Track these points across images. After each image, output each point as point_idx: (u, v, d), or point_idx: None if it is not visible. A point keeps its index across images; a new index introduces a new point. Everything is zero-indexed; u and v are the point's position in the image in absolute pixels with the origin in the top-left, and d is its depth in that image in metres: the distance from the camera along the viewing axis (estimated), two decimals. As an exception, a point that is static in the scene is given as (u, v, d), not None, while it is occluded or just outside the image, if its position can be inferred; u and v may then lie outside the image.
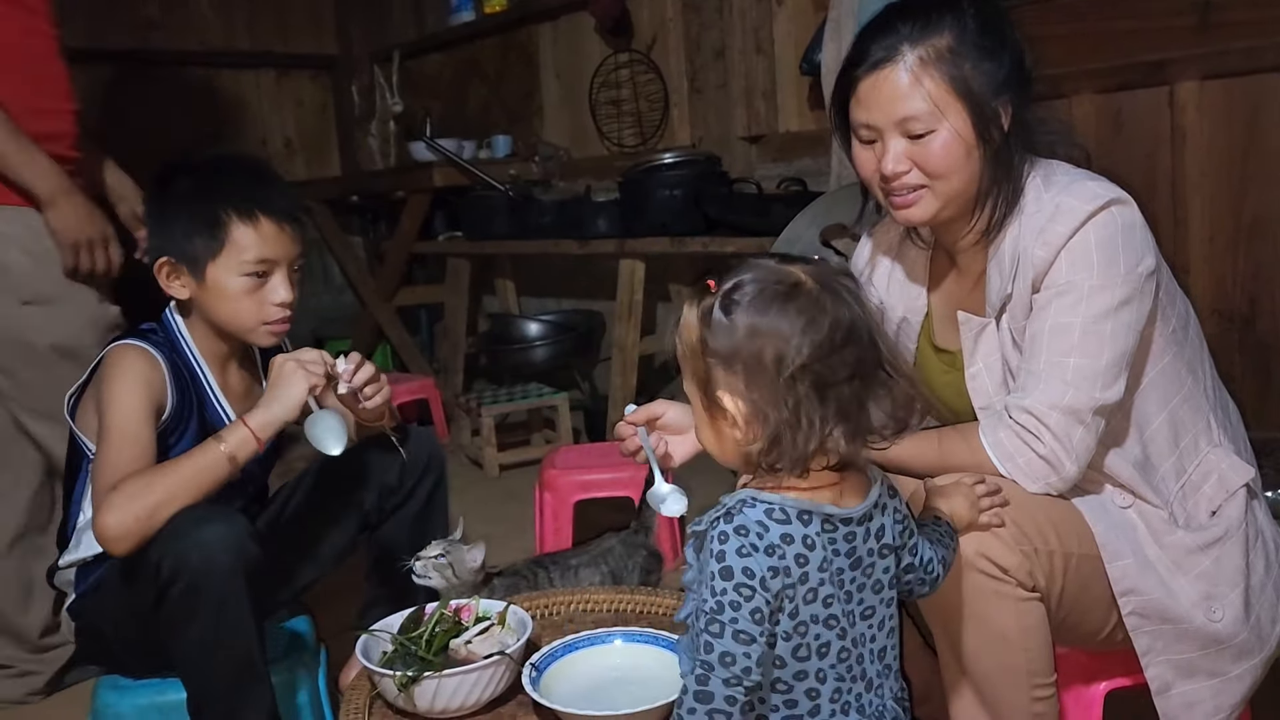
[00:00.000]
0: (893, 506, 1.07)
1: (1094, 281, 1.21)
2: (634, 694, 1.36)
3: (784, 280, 0.99)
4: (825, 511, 1.00)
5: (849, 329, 0.98)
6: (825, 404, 0.97)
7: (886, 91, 1.24)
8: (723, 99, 3.47)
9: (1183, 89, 2.20)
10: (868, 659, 1.05)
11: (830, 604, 1.01)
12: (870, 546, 1.04)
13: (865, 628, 1.04)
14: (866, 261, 1.52)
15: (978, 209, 1.29)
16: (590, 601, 1.71)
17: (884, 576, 1.06)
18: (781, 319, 0.97)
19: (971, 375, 1.33)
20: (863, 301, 1.01)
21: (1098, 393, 1.20)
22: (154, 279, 1.52)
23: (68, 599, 1.56)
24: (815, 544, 0.99)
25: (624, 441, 1.44)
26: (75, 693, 1.98)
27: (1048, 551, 1.19)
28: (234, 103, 4.80)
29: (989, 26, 1.25)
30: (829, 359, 0.97)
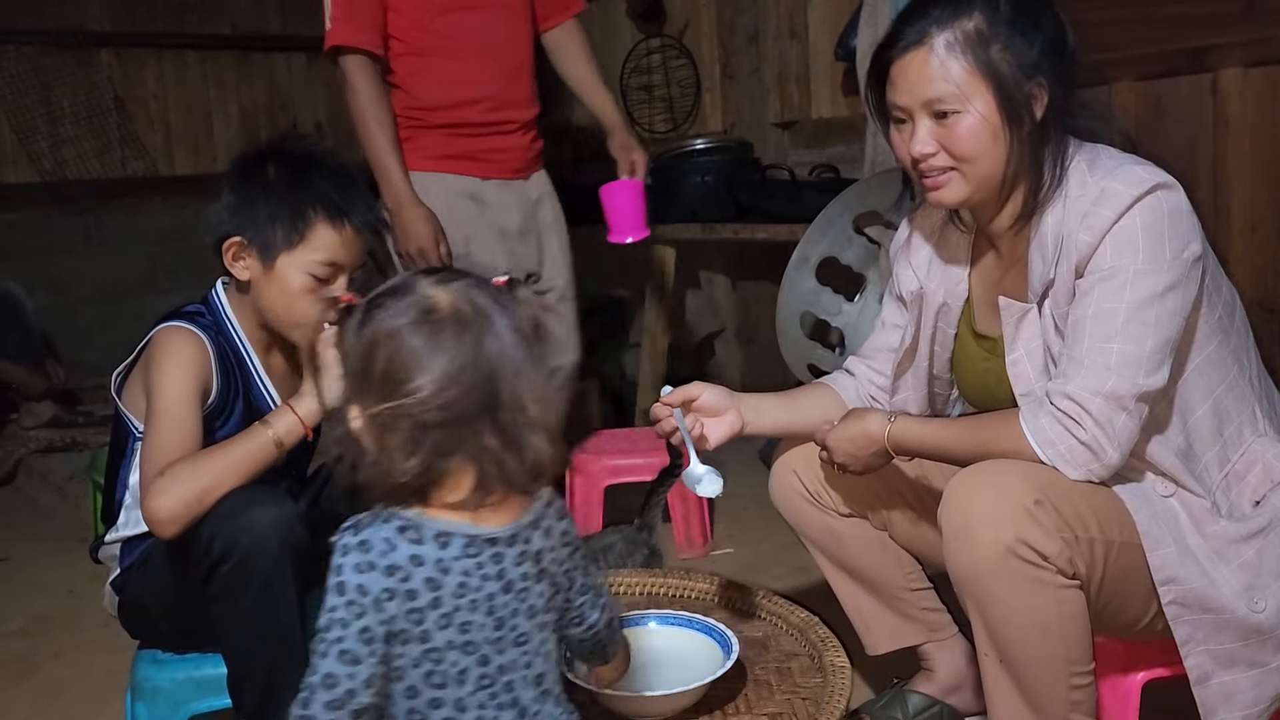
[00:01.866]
0: (559, 529, 1.03)
1: (1139, 266, 1.19)
2: (668, 676, 1.36)
3: (420, 304, 0.94)
4: (467, 533, 0.95)
5: (467, 366, 0.91)
6: (421, 437, 0.91)
7: (914, 74, 1.26)
8: (755, 85, 3.45)
9: (1226, 76, 2.17)
10: (520, 686, 0.99)
11: (468, 630, 0.95)
12: (524, 570, 0.99)
13: (519, 654, 0.99)
14: (906, 245, 1.51)
15: (1011, 192, 1.29)
16: (624, 584, 1.71)
17: (538, 601, 1.00)
18: (398, 342, 0.92)
19: (1013, 361, 1.32)
20: (508, 338, 0.93)
21: (1141, 379, 1.19)
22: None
23: (111, 573, 1.58)
24: (451, 568, 0.94)
25: (660, 423, 1.45)
26: (113, 666, 2.01)
27: (1088, 539, 1.18)
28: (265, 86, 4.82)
29: (1023, 8, 1.25)
30: (436, 395, 0.90)
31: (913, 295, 1.48)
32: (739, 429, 1.47)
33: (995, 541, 1.16)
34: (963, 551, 1.19)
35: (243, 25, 4.72)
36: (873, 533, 1.54)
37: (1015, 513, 1.16)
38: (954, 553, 1.21)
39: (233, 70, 4.72)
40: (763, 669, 1.44)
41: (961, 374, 1.46)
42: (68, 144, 4.33)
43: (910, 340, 1.48)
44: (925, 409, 1.50)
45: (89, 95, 4.37)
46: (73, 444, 3.44)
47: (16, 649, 2.24)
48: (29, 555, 2.80)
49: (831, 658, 1.41)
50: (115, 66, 4.43)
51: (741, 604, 1.64)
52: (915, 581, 1.57)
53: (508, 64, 2.29)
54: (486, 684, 0.97)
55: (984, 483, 1.20)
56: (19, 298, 3.66)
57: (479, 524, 0.96)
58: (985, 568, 1.17)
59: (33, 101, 4.25)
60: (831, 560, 1.57)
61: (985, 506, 1.18)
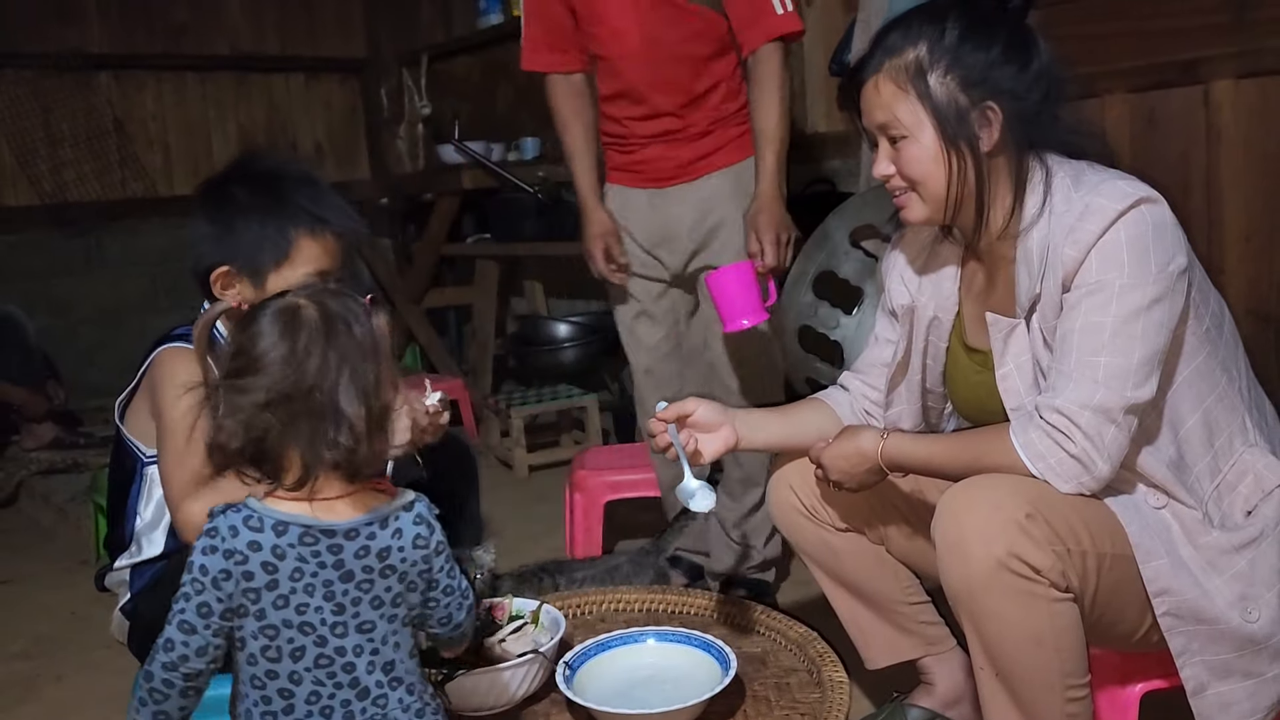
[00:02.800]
0: (414, 533, 1.11)
1: (1125, 280, 1.20)
2: (667, 693, 1.36)
3: (285, 307, 1.09)
4: (304, 523, 1.07)
5: (303, 361, 1.05)
6: (252, 414, 1.05)
7: (867, 101, 1.33)
8: (751, 100, 3.46)
9: (1217, 88, 2.18)
10: (363, 669, 1.09)
11: (305, 611, 1.07)
12: (366, 564, 1.08)
13: (362, 639, 1.09)
14: (897, 260, 1.52)
15: (962, 210, 1.32)
16: (623, 601, 1.72)
17: (385, 594, 1.09)
18: (254, 332, 1.07)
19: (1002, 376, 1.33)
20: (348, 349, 1.07)
21: (1129, 391, 1.20)
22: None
23: (120, 599, 1.58)
24: (287, 554, 1.06)
25: (655, 438, 1.45)
26: (115, 688, 2.01)
27: (1080, 552, 1.19)
28: (264, 106, 4.85)
29: (970, 32, 1.27)
30: (267, 377, 1.05)
31: (904, 309, 1.49)
32: (733, 444, 1.48)
33: (987, 556, 1.17)
34: (956, 566, 1.20)
35: (241, 46, 4.76)
36: (870, 547, 1.54)
37: (1007, 527, 1.17)
38: (948, 567, 1.21)
39: (231, 91, 4.76)
40: (761, 685, 1.45)
41: (954, 387, 1.47)
42: (68, 166, 4.36)
43: (902, 354, 1.49)
44: (919, 423, 1.51)
45: (88, 117, 4.40)
46: (74, 465, 3.45)
47: (19, 671, 2.24)
48: (31, 577, 2.80)
49: (830, 673, 1.41)
50: (114, 88, 4.47)
51: (740, 620, 1.64)
52: (913, 595, 1.57)
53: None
54: (325, 663, 1.08)
55: (976, 497, 1.21)
56: (20, 320, 3.67)
57: (319, 517, 1.07)
58: (978, 582, 1.18)
59: (33, 124, 4.28)
60: (829, 575, 1.57)
61: (977, 521, 1.19)
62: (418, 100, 4.52)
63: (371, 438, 1.07)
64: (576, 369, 3.62)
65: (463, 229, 4.24)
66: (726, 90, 2.05)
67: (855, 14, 2.78)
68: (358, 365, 1.07)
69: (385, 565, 1.09)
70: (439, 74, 4.72)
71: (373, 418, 1.07)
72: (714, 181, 2.07)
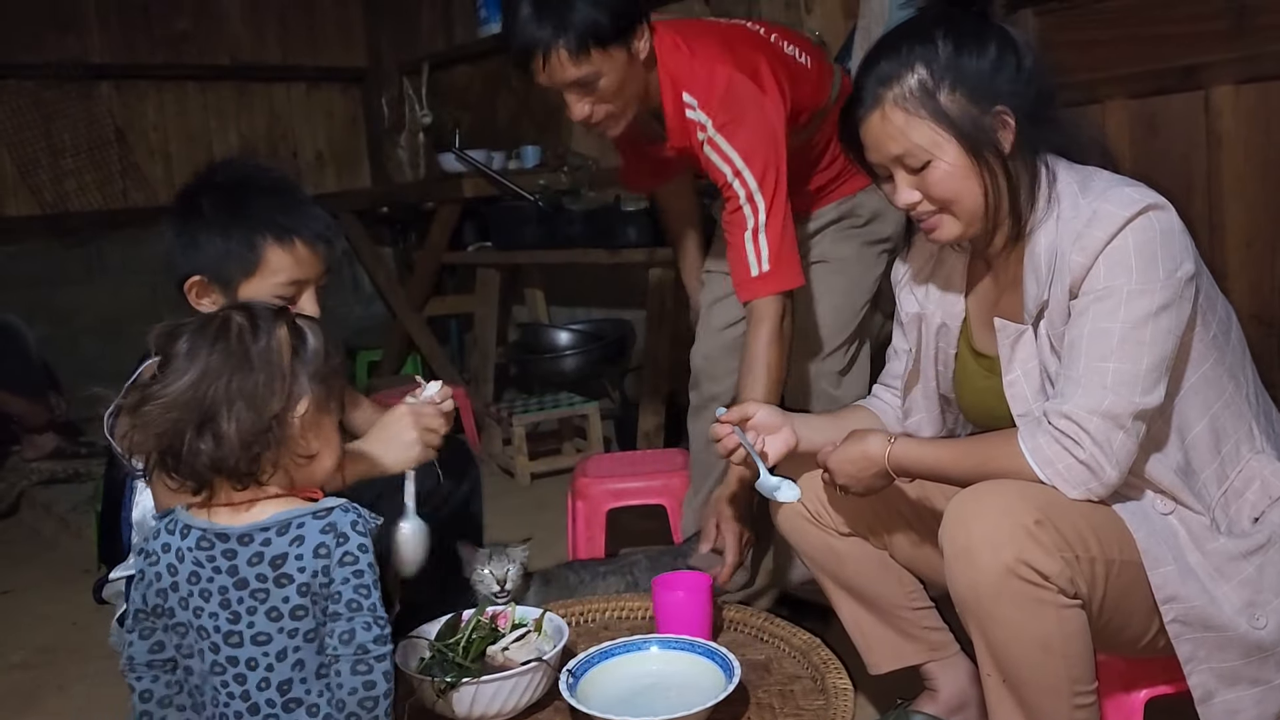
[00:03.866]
0: (317, 541, 1.08)
1: (1133, 286, 1.20)
2: (670, 700, 1.36)
3: (207, 318, 1.14)
4: (201, 527, 1.10)
5: (208, 372, 1.09)
6: (160, 418, 1.08)
7: (875, 136, 1.31)
8: (751, 108, 3.47)
9: (1218, 93, 2.18)
10: (254, 684, 1.08)
11: (201, 615, 1.09)
12: (260, 571, 1.07)
13: (256, 652, 1.08)
14: (906, 271, 1.53)
15: (999, 219, 1.31)
16: (625, 608, 1.71)
17: (283, 606, 1.07)
18: (170, 346, 1.11)
19: (1009, 383, 1.32)
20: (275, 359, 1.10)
21: (1137, 397, 1.19)
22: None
23: (118, 609, 1.57)
24: (185, 557, 1.09)
25: (720, 441, 1.46)
26: (116, 697, 2.00)
27: (1089, 558, 1.18)
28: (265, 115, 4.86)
29: (964, 43, 1.27)
30: (176, 387, 1.08)
31: (912, 317, 1.50)
32: (794, 445, 1.48)
33: (996, 562, 1.16)
34: (964, 572, 1.19)
35: (242, 56, 4.77)
36: (874, 552, 1.54)
37: (1016, 533, 1.16)
38: (955, 573, 1.21)
39: (233, 100, 4.77)
40: (765, 692, 1.44)
41: (962, 392, 1.47)
42: (69, 176, 4.37)
43: (914, 363, 1.49)
44: (939, 429, 1.51)
45: (90, 127, 4.41)
46: (75, 475, 3.45)
47: (19, 681, 2.24)
48: (32, 587, 2.80)
49: (834, 680, 1.41)
50: (115, 98, 4.48)
51: (744, 626, 1.63)
52: (917, 601, 1.57)
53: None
54: (218, 670, 1.09)
55: (984, 503, 1.20)
56: (20, 329, 3.67)
57: (215, 521, 1.10)
58: (987, 588, 1.17)
59: (34, 135, 4.29)
60: (833, 580, 1.57)
61: (986, 527, 1.18)
62: (419, 109, 4.52)
63: (249, 445, 1.08)
64: (578, 377, 3.61)
65: (464, 237, 4.24)
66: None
67: (855, 20, 2.79)
68: (239, 375, 1.08)
69: (280, 574, 1.07)
70: (440, 83, 4.73)
71: (253, 426, 1.08)
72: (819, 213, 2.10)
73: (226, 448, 1.08)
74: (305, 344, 1.14)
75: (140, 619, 1.15)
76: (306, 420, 1.13)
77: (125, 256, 4.48)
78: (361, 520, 1.11)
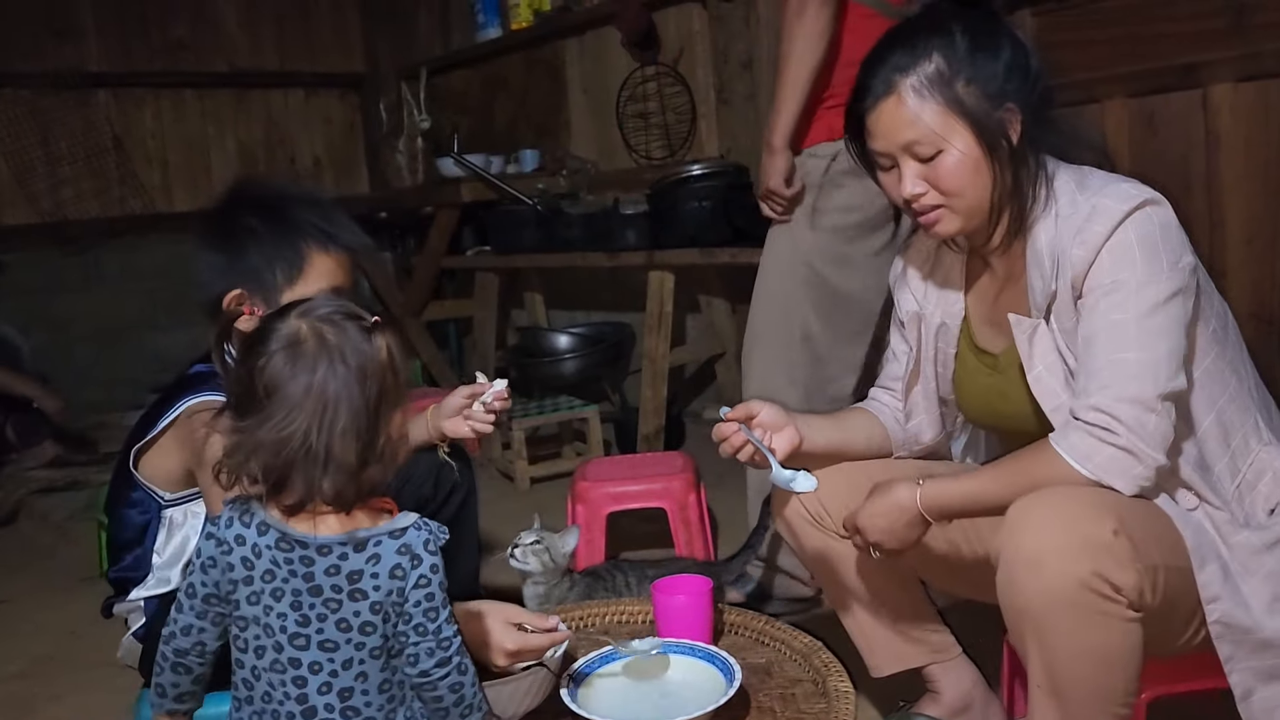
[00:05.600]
0: (394, 562, 1.06)
1: (1140, 278, 1.20)
2: (671, 705, 1.35)
3: (291, 335, 1.07)
4: (282, 529, 1.07)
5: (310, 393, 1.04)
6: (263, 448, 1.04)
7: (888, 122, 1.29)
8: (750, 110, 3.47)
9: (1216, 92, 2.18)
10: (314, 688, 1.07)
11: (270, 613, 1.07)
12: (335, 583, 1.06)
13: (322, 657, 1.07)
14: (903, 271, 1.52)
15: (1001, 215, 1.31)
16: (626, 613, 1.70)
17: (354, 619, 1.06)
18: (257, 371, 1.06)
19: (1035, 379, 1.31)
20: (341, 372, 1.05)
21: (1163, 381, 1.19)
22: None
23: (133, 625, 1.57)
24: (263, 554, 1.07)
25: (725, 441, 1.44)
26: (113, 706, 2.00)
27: (1152, 567, 1.15)
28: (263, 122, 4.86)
29: (980, 40, 1.27)
30: (284, 418, 1.03)
31: (911, 316, 1.49)
32: (798, 444, 1.46)
33: (1069, 574, 1.12)
34: (1031, 582, 1.15)
35: (239, 62, 4.77)
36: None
37: (1091, 545, 1.12)
38: (1019, 582, 1.16)
39: (230, 107, 4.77)
40: (766, 696, 1.43)
41: (962, 392, 1.46)
42: (66, 184, 4.37)
43: (914, 363, 1.49)
44: (940, 431, 1.51)
45: (87, 135, 4.41)
46: (73, 483, 3.45)
47: (16, 691, 2.22)
48: (29, 596, 2.79)
49: (835, 683, 1.40)
50: (113, 106, 4.48)
51: (744, 630, 1.62)
52: (920, 603, 1.56)
53: None
54: (279, 669, 1.07)
55: (1056, 509, 1.16)
56: (13, 341, 3.67)
57: (299, 528, 1.07)
58: (1057, 599, 1.13)
59: (31, 143, 4.29)
60: (835, 582, 1.56)
61: (1059, 537, 1.14)
62: (417, 114, 4.53)
63: (364, 472, 1.06)
64: (578, 380, 3.61)
65: (462, 241, 4.25)
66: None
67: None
68: (351, 403, 1.05)
69: (355, 589, 1.05)
70: (438, 88, 4.73)
71: (368, 455, 1.06)
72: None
73: (346, 481, 1.05)
74: (396, 355, 1.10)
75: (193, 599, 1.11)
76: (402, 436, 1.11)
77: (123, 264, 4.48)
78: (433, 538, 1.09)
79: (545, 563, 1.79)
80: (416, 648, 1.08)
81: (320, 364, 1.05)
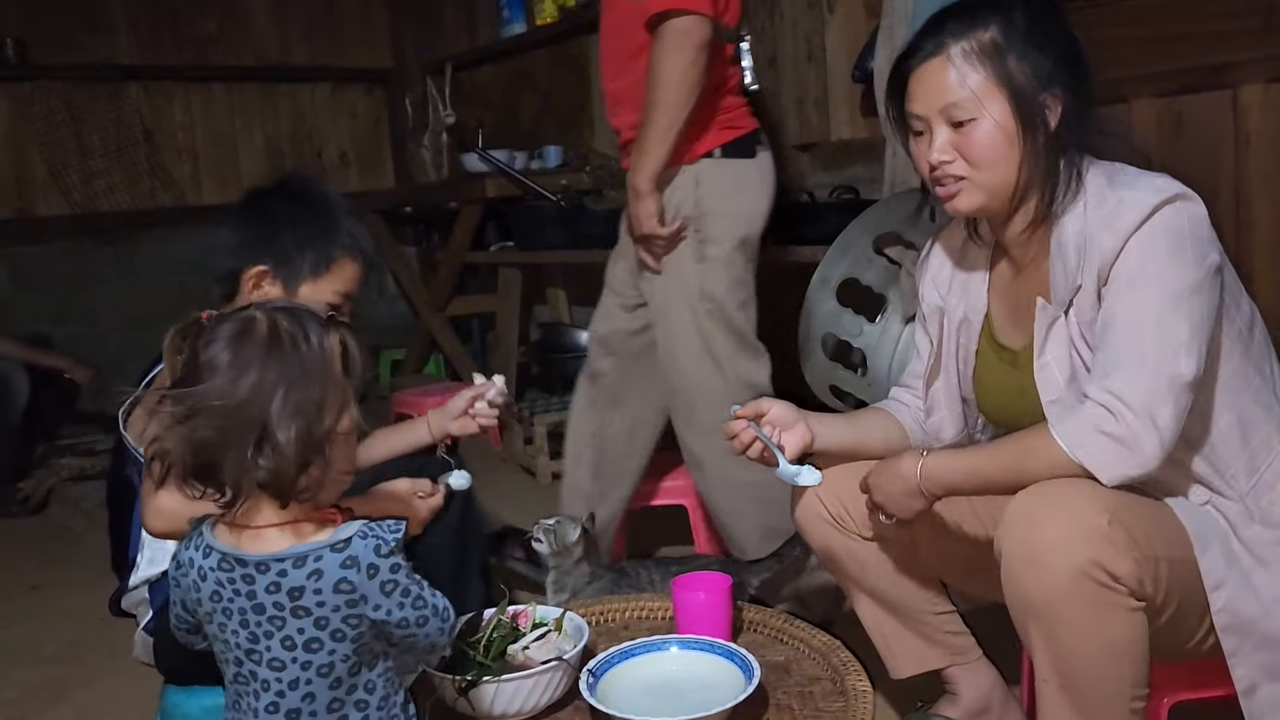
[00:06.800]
0: (337, 576, 1.03)
1: (1165, 268, 1.20)
2: (690, 701, 1.36)
3: (244, 316, 1.06)
4: (222, 550, 1.06)
5: (252, 378, 1.03)
6: (195, 425, 1.03)
7: (931, 82, 1.29)
8: (774, 108, 3.47)
9: (1246, 92, 2.16)
10: (264, 705, 1.06)
11: (225, 630, 1.08)
12: (277, 599, 1.04)
13: (271, 675, 1.06)
14: (927, 265, 1.53)
15: (1024, 201, 1.31)
16: (645, 609, 1.71)
17: (298, 636, 1.04)
18: (213, 346, 1.04)
19: (1040, 366, 1.31)
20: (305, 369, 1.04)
21: (1180, 369, 1.18)
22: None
23: (143, 619, 1.59)
24: (208, 576, 1.07)
25: (735, 438, 1.46)
26: (142, 693, 2.03)
27: (1153, 557, 1.17)
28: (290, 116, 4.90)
29: (1038, 22, 1.28)
30: (221, 389, 1.02)
31: (934, 310, 1.49)
32: (809, 441, 1.47)
33: (1068, 564, 1.14)
34: (1032, 576, 1.17)
35: (267, 57, 4.81)
36: (896, 556, 1.53)
37: (1088, 534, 1.14)
38: (1021, 576, 1.18)
39: (258, 101, 4.81)
40: (784, 693, 1.44)
41: (982, 389, 1.46)
42: (98, 176, 4.43)
43: (935, 358, 1.49)
44: (961, 428, 1.50)
45: (118, 128, 4.47)
46: (104, 472, 3.48)
47: (50, 675, 2.27)
48: (61, 582, 2.84)
49: (853, 682, 1.40)
50: (144, 99, 4.53)
51: (763, 627, 1.63)
52: (939, 605, 1.56)
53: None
54: (242, 681, 1.09)
55: (1053, 504, 1.18)
56: (15, 386, 3.60)
57: (240, 546, 1.06)
58: (1058, 591, 1.15)
59: (64, 135, 4.35)
60: (854, 583, 1.56)
61: (1056, 529, 1.15)
62: (442, 109, 4.55)
63: (304, 462, 1.03)
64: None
65: (486, 237, 4.26)
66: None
67: (878, 21, 2.78)
68: (296, 386, 1.03)
69: (296, 605, 1.03)
70: (463, 83, 4.75)
71: (307, 442, 1.03)
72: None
73: (282, 464, 1.02)
74: (351, 354, 1.09)
75: (176, 609, 1.15)
76: (347, 436, 1.08)
77: (152, 256, 4.53)
78: (383, 541, 1.05)
79: (552, 544, 1.91)
80: (428, 638, 1.10)
81: (272, 346, 1.04)
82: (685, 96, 1.90)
